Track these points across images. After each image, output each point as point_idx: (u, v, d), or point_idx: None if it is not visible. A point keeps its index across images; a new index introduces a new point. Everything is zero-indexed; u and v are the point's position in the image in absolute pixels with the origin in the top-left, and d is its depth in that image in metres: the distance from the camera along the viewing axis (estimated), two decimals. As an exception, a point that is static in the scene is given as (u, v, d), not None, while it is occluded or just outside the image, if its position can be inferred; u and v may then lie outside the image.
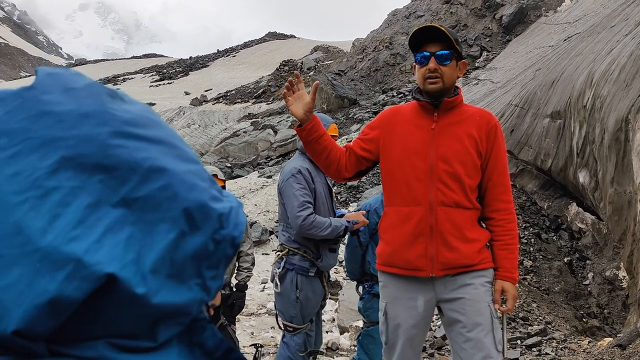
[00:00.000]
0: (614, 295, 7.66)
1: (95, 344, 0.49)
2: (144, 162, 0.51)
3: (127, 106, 0.55)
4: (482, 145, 2.34)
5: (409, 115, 2.44)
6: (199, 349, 0.55)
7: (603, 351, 3.84)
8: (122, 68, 71.57)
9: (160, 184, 0.51)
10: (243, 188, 17.76)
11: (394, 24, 30.18)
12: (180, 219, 0.51)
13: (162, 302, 0.50)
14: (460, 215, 2.31)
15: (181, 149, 0.56)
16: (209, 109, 35.17)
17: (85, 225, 0.47)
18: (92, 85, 0.54)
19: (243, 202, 15.09)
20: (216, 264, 0.54)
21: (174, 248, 0.51)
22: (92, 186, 0.48)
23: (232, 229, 0.55)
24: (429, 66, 2.30)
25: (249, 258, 4.28)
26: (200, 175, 0.56)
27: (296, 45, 59.24)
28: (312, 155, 2.50)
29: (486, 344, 2.25)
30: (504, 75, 18.37)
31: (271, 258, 11.09)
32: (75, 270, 0.45)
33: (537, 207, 10.36)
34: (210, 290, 0.54)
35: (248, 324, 6.66)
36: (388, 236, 2.42)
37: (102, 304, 0.48)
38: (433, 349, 5.02)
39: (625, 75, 6.72)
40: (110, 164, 0.49)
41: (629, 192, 6.11)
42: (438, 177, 2.29)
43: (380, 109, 21.46)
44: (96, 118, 0.51)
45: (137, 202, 0.49)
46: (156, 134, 0.54)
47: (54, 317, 0.45)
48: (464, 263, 2.30)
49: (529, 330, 5.44)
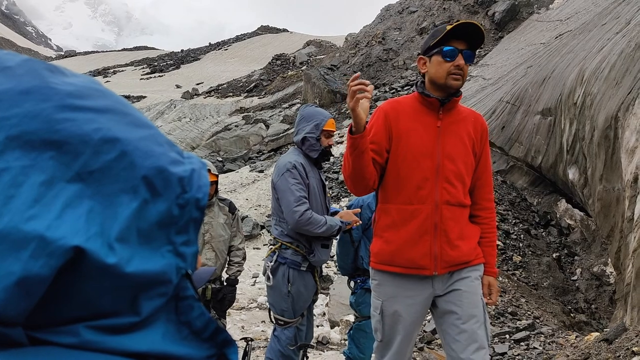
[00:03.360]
0: (601, 291, 7.75)
1: (76, 328, 0.48)
2: (94, 133, 0.49)
3: (68, 79, 0.53)
4: (477, 146, 2.40)
5: (411, 111, 2.37)
6: (187, 328, 0.54)
7: (590, 345, 3.89)
8: (112, 60, 70.88)
9: (115, 154, 0.49)
10: (234, 182, 17.71)
11: (387, 19, 30.16)
12: (140, 187, 0.50)
13: (135, 270, 0.49)
14: (461, 213, 2.36)
15: (132, 115, 0.54)
16: (200, 103, 34.97)
17: (41, 203, 0.45)
18: (29, 62, 0.52)
19: (234, 197, 15.05)
20: (185, 228, 0.53)
21: (137, 217, 0.50)
22: (44, 163, 0.46)
23: (196, 191, 0.54)
24: (459, 62, 2.25)
25: (240, 253, 4.28)
26: (156, 140, 0.54)
27: (289, 40, 59.01)
28: (360, 167, 2.24)
29: (480, 335, 2.28)
30: (495, 71, 18.44)
31: (262, 252, 11.08)
32: (39, 247, 0.44)
33: (527, 203, 10.44)
34: (184, 256, 0.53)
35: (239, 318, 6.67)
36: (388, 235, 2.36)
37: (74, 279, 0.47)
38: (423, 343, 5.06)
39: (615, 73, 6.78)
40: (59, 139, 0.48)
41: (617, 189, 6.18)
42: (444, 176, 2.30)
43: (372, 104, 21.46)
44: (38, 94, 0.49)
45: (93, 175, 0.48)
46: (103, 104, 0.52)
47: (25, 298, 0.44)
48: (464, 260, 2.35)
49: (517, 325, 5.50)
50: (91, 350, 0.49)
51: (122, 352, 0.50)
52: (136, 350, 0.50)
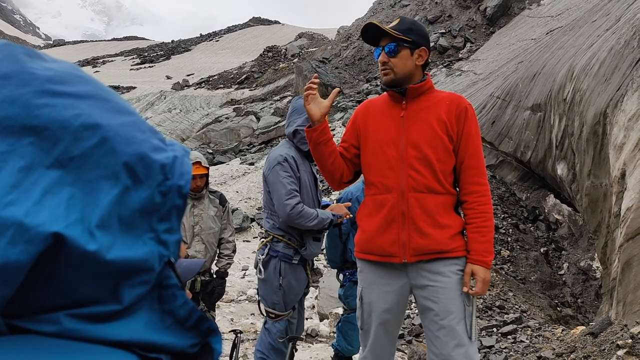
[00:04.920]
0: (587, 285, 7.85)
1: (56, 317, 0.47)
2: (74, 119, 0.48)
3: (48, 64, 0.52)
4: (452, 128, 2.35)
5: (381, 106, 2.50)
6: (170, 317, 0.53)
7: (576, 339, 3.94)
8: (102, 50, 70.09)
9: (95, 140, 0.49)
10: (225, 175, 17.66)
11: (379, 12, 30.09)
12: (121, 173, 0.49)
13: (116, 257, 0.48)
14: (433, 200, 2.32)
15: (114, 101, 0.53)
16: (190, 94, 34.75)
17: (20, 189, 0.45)
18: (7, 46, 0.51)
19: (224, 189, 15.01)
20: (167, 216, 0.53)
21: (119, 204, 0.49)
22: (23, 149, 0.46)
23: (178, 178, 0.53)
24: (380, 59, 2.40)
25: (230, 245, 4.27)
26: (138, 127, 0.53)
27: (280, 32, 58.72)
28: (319, 160, 2.47)
29: (458, 332, 2.28)
30: (486, 67, 18.50)
31: (252, 245, 11.07)
32: (17, 234, 0.43)
33: (516, 198, 10.52)
34: (167, 243, 0.52)
35: (228, 311, 6.67)
36: (364, 224, 2.46)
37: (55, 266, 0.46)
38: (411, 336, 5.10)
39: (604, 69, 6.83)
40: (38, 124, 0.47)
41: (604, 184, 6.24)
42: (409, 163, 2.32)
43: (364, 97, 21.44)
44: (17, 79, 0.48)
45: (73, 161, 0.47)
46: (84, 90, 0.52)
47: (4, 285, 0.43)
48: (436, 249, 2.31)
49: (504, 318, 5.56)
50: (72, 338, 0.48)
51: (103, 341, 0.49)
52: (118, 338, 0.50)
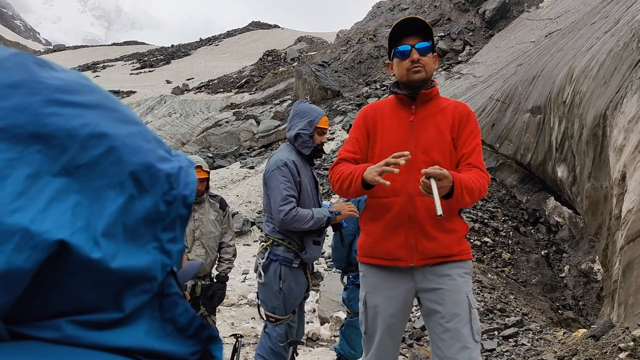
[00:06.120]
0: (588, 288, 7.84)
1: (58, 323, 0.48)
2: (82, 128, 0.49)
3: (57, 74, 0.53)
4: (454, 132, 2.40)
5: (388, 109, 2.49)
6: (171, 325, 0.54)
7: (577, 342, 3.93)
8: (102, 55, 70.23)
9: (102, 149, 0.50)
10: (225, 178, 17.66)
11: (378, 16, 30.16)
12: (127, 183, 0.50)
13: (120, 266, 0.48)
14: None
15: (121, 111, 0.54)
16: (190, 98, 34.79)
17: (27, 196, 0.45)
18: (18, 55, 0.52)
19: (224, 193, 15.00)
20: (171, 225, 0.53)
21: (124, 212, 0.50)
22: (30, 157, 0.46)
23: (183, 188, 0.54)
24: (413, 57, 2.36)
25: (230, 249, 4.26)
26: (144, 137, 0.54)
27: (280, 36, 58.85)
28: (353, 193, 2.42)
29: (464, 334, 2.28)
30: (486, 69, 18.53)
31: (252, 249, 11.06)
32: (22, 240, 0.44)
33: (516, 200, 10.51)
34: (170, 253, 0.53)
35: (228, 315, 6.66)
36: (368, 228, 2.45)
37: (58, 274, 0.47)
38: (412, 339, 5.09)
39: (604, 72, 6.83)
40: (46, 132, 0.48)
41: (605, 187, 6.24)
42: (418, 168, 2.31)
43: (364, 101, 21.47)
44: (26, 87, 0.49)
45: (79, 170, 0.48)
46: (92, 99, 0.53)
47: (7, 291, 0.44)
48: (443, 253, 2.33)
49: (506, 321, 5.54)
50: (73, 345, 0.48)
51: (104, 348, 0.49)
52: (119, 345, 0.50)
